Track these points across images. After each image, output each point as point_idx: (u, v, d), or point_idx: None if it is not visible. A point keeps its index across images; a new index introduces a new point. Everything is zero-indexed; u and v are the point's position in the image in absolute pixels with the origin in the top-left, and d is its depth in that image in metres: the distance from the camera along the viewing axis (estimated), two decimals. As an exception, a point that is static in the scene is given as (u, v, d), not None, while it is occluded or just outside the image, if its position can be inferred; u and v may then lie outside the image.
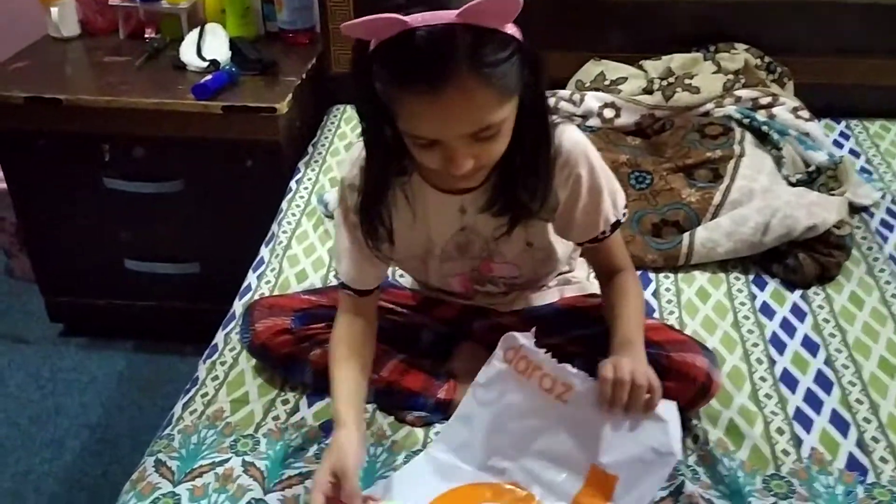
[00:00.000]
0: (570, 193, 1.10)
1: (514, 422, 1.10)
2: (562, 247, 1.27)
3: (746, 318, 1.42)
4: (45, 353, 2.20)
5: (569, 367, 1.06)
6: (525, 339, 1.08)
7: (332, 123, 2.07)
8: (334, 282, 1.53)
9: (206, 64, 1.93)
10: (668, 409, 1.03)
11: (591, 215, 1.13)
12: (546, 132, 1.02)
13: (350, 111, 2.11)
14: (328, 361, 1.16)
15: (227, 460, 1.15)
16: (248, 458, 1.15)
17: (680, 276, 1.53)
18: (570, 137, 1.07)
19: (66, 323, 2.27)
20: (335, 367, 1.15)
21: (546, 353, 1.07)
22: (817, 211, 1.49)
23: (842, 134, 1.98)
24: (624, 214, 1.17)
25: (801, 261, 1.48)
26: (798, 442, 1.17)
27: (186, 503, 1.08)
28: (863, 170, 1.83)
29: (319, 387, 1.26)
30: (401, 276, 1.41)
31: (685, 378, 1.14)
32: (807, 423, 1.20)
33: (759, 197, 1.54)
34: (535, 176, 1.03)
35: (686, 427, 1.19)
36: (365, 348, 1.18)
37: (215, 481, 1.11)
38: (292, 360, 1.26)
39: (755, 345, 1.36)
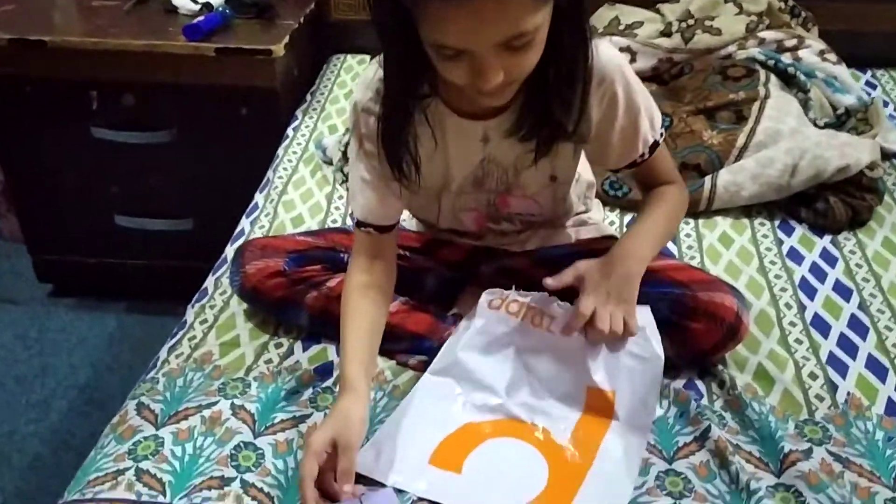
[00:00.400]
0: (606, 114, 1.01)
1: (507, 359, 1.06)
2: (578, 188, 1.19)
3: (773, 263, 1.33)
4: (33, 313, 2.12)
5: (554, 298, 1.04)
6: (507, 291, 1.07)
7: (332, 72, 1.97)
8: (330, 225, 1.45)
9: (198, 7, 1.84)
10: (642, 316, 1.03)
11: (629, 137, 1.04)
12: (585, 40, 0.92)
13: (351, 60, 2.02)
14: (341, 309, 1.07)
15: (214, 403, 1.06)
16: (237, 402, 1.06)
17: (701, 221, 1.44)
18: (605, 52, 0.98)
19: (56, 283, 2.19)
20: (347, 319, 1.05)
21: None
22: (849, 151, 1.39)
23: (868, 83, 1.87)
24: (662, 134, 1.08)
25: (832, 204, 1.38)
26: (833, 387, 1.09)
27: (170, 446, 1.00)
28: (890, 117, 1.73)
29: (316, 330, 1.18)
30: (403, 220, 1.32)
31: (713, 318, 1.06)
32: (841, 369, 1.12)
33: (787, 138, 1.44)
34: (571, 89, 0.93)
35: (711, 373, 1.11)
36: (382, 297, 1.09)
37: (201, 424, 1.03)
38: (286, 304, 1.17)
39: (783, 290, 1.27)
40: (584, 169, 1.25)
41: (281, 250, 1.19)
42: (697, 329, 1.06)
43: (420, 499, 0.94)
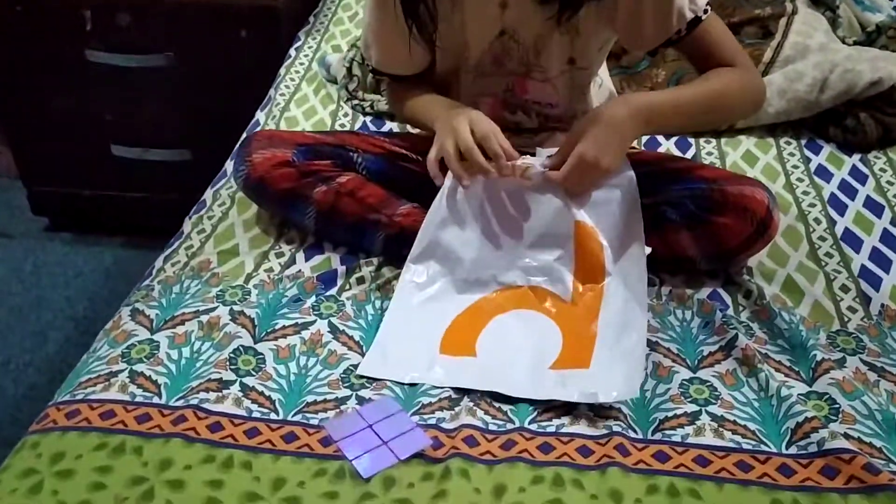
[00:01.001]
0: None
1: (484, 221, 1.02)
2: (599, 94, 1.12)
3: (800, 180, 1.27)
4: (28, 247, 2.06)
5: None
6: None
7: (336, -5, 1.89)
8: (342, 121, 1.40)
9: (197, -78, 1.75)
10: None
11: (663, 10, 0.98)
12: None
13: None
14: (396, 108, 1.13)
15: (212, 309, 1.00)
16: (236, 308, 1.01)
17: (723, 140, 1.37)
18: None
19: (51, 217, 2.13)
20: (409, 98, 1.11)
21: None
22: (882, 65, 1.32)
23: (896, 10, 1.79)
24: (706, 11, 1.00)
25: (863, 121, 1.31)
26: (866, 299, 1.03)
27: (166, 350, 0.94)
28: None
29: (322, 232, 1.12)
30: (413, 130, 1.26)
31: (742, 212, 0.99)
32: (875, 281, 1.06)
33: (815, 53, 1.37)
34: None
35: (736, 283, 1.05)
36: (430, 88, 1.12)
37: (199, 329, 0.97)
38: (293, 198, 1.09)
39: (812, 205, 1.21)
40: (605, 76, 1.19)
41: (289, 142, 1.12)
42: (725, 224, 1.00)
43: (427, 404, 0.89)
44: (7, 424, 1.56)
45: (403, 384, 0.92)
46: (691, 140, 1.36)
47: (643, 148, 1.31)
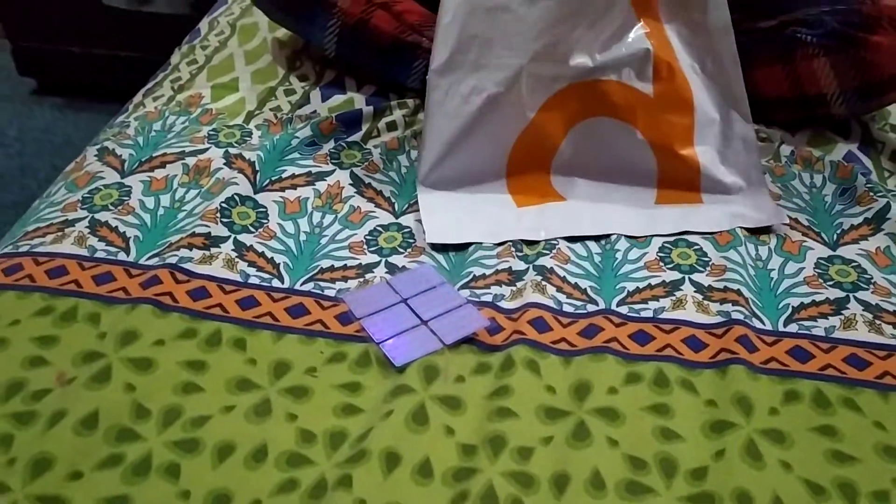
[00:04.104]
0: None
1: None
2: None
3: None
4: (14, 111, 1.85)
5: None
6: None
7: None
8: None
9: None
10: None
11: None
12: None
13: None
14: None
15: (202, 151, 0.78)
16: (233, 150, 0.78)
17: None
18: None
19: (39, 79, 1.91)
20: None
21: None
22: None
23: None
24: None
25: None
26: None
27: (139, 196, 0.73)
28: None
29: (345, 56, 0.88)
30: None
31: None
32: None
33: None
34: None
35: (878, 141, 0.82)
36: None
37: (183, 173, 0.75)
38: (311, 4, 0.85)
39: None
40: None
41: None
42: (881, 44, 0.76)
43: (479, 276, 0.67)
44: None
45: (447, 248, 0.70)
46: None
47: None
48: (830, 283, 0.67)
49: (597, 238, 0.71)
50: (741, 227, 0.71)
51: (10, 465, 0.51)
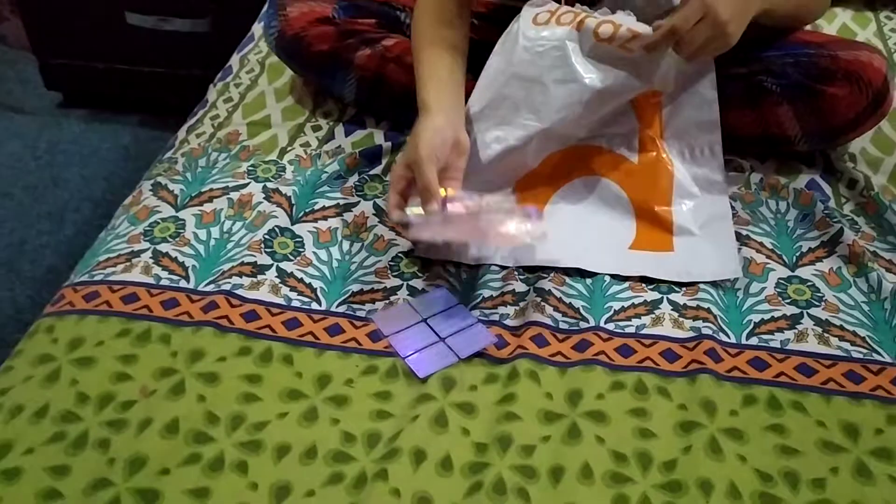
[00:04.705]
0: None
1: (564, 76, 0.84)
2: None
3: (906, 58, 1.12)
4: (42, 123, 1.95)
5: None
6: None
7: None
8: None
9: None
10: None
11: None
12: None
13: None
14: (412, 40, 0.91)
15: (244, 185, 0.89)
16: (270, 185, 0.89)
17: (816, 12, 1.21)
18: None
19: (65, 92, 2.01)
20: (420, 47, 0.89)
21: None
22: None
23: None
24: None
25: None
26: None
27: (192, 229, 0.84)
28: None
29: (362, 103, 0.99)
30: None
31: (856, 81, 0.85)
32: None
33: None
34: None
35: (837, 170, 0.92)
36: (458, 23, 0.92)
37: (228, 207, 0.87)
38: (332, 61, 0.97)
39: (920, 87, 1.06)
40: None
41: None
42: (836, 95, 0.86)
43: (488, 298, 0.78)
44: (26, 308, 1.49)
45: (460, 273, 0.81)
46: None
47: None
48: (788, 300, 0.78)
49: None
50: None
51: (110, 464, 0.62)
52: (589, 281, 0.81)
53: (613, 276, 0.80)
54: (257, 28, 1.19)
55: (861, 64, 0.86)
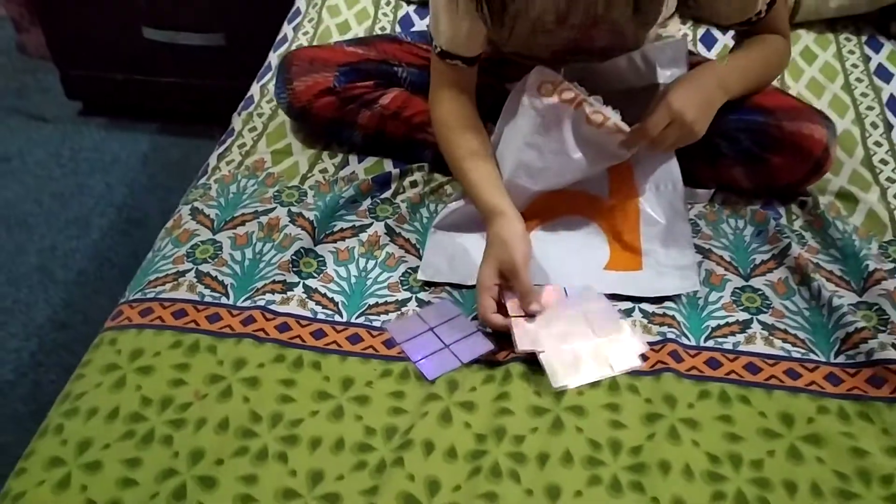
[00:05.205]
0: None
1: (560, 146, 0.98)
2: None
3: (860, 80, 1.24)
4: (64, 131, 2.06)
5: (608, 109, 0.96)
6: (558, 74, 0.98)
7: None
8: (378, 32, 1.36)
9: None
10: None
11: None
12: None
13: None
14: (445, 150, 1.01)
15: (271, 210, 1.02)
16: (294, 209, 1.02)
17: (781, 36, 1.33)
18: None
19: (85, 101, 2.12)
20: (461, 157, 0.98)
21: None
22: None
23: None
24: None
25: (927, 17, 1.27)
26: (920, 209, 1.03)
27: (229, 251, 0.97)
28: None
29: (369, 149, 1.13)
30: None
31: (798, 152, 0.99)
32: (930, 190, 1.05)
33: (884, -58, 1.30)
34: None
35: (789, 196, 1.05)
36: (481, 130, 1.02)
37: (259, 230, 1.00)
38: (337, 127, 1.11)
39: (870, 108, 1.19)
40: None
41: (330, 63, 1.10)
42: (780, 163, 1.00)
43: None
44: (60, 309, 1.62)
45: (461, 288, 0.94)
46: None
47: (698, 52, 1.26)
48: (741, 307, 0.91)
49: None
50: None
51: (175, 456, 0.76)
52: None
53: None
54: (273, 57, 1.30)
55: (802, 136, 0.98)
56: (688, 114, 0.91)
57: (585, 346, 0.86)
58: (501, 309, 0.87)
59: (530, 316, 0.87)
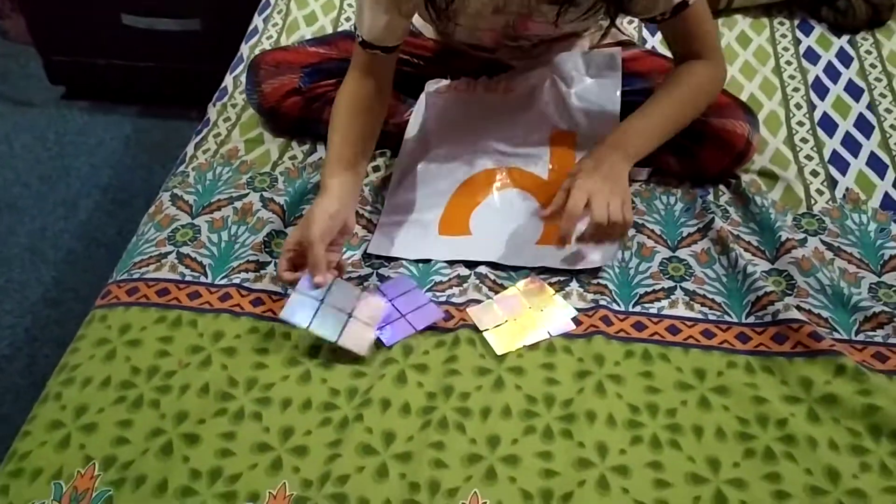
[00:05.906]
0: None
1: (466, 128, 1.13)
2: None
3: (789, 63, 1.34)
4: (48, 116, 2.14)
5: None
6: None
7: None
8: (345, 26, 1.44)
9: None
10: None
11: None
12: None
13: None
14: (331, 120, 1.07)
15: (244, 195, 1.12)
16: (266, 194, 1.12)
17: (721, 20, 1.42)
18: None
19: (68, 86, 2.19)
20: (332, 131, 1.05)
21: None
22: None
23: None
24: None
25: (853, 3, 1.36)
26: (833, 183, 1.13)
27: (206, 233, 1.07)
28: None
29: None
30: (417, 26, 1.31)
31: (722, 146, 1.09)
32: (842, 166, 1.16)
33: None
34: None
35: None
36: (371, 114, 1.08)
37: (234, 214, 1.09)
38: (304, 123, 1.20)
39: (796, 90, 1.29)
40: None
41: (295, 65, 1.19)
42: (706, 155, 1.09)
43: (439, 282, 1.02)
44: (52, 287, 1.71)
45: (418, 263, 1.04)
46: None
47: (638, 46, 1.29)
48: (667, 276, 1.02)
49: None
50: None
51: (162, 417, 0.86)
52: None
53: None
54: (245, 48, 1.39)
55: (726, 131, 1.08)
56: (616, 217, 0.96)
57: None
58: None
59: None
